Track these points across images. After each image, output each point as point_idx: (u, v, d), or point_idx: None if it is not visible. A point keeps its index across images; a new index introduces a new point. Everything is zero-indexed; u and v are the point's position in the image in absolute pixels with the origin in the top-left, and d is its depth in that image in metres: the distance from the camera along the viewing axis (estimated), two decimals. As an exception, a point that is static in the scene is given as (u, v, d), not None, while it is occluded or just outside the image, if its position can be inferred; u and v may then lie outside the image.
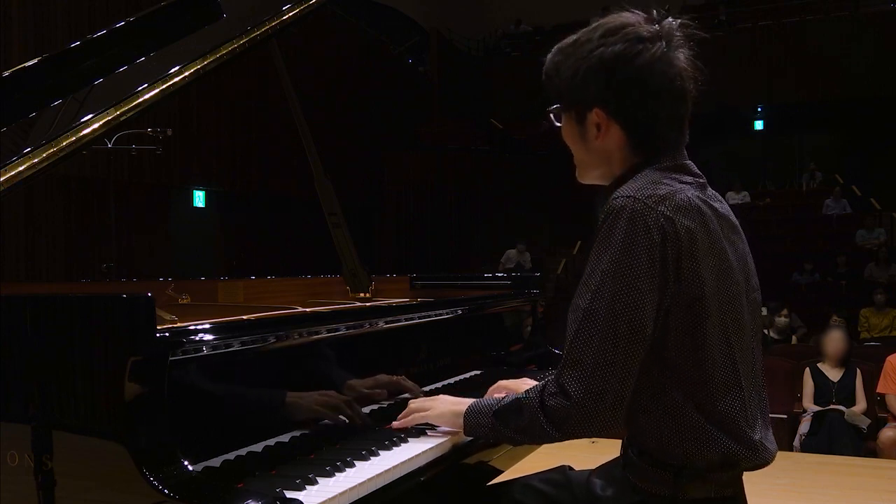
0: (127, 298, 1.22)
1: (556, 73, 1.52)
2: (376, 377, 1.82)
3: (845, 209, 13.61)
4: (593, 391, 1.33)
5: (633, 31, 1.45)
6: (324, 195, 2.33)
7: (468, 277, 3.04)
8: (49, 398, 1.23)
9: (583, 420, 1.36)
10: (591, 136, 1.51)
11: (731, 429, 1.41)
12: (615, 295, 1.33)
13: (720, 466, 1.42)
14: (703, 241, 1.38)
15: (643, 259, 1.33)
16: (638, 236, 1.33)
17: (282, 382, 1.56)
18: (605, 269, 1.35)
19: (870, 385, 5.76)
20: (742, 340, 1.45)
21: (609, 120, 1.48)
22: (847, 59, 14.31)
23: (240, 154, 10.88)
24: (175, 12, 2.04)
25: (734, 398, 1.41)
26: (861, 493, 4.28)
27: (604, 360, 1.33)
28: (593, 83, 1.46)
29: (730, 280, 1.43)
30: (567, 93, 1.51)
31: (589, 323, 1.35)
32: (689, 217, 1.37)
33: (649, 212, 1.35)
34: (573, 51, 1.50)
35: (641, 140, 1.49)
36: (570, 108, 1.53)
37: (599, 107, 1.47)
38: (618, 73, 1.44)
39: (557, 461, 1.80)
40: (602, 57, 1.45)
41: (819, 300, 10.79)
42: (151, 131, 4.70)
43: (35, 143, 1.58)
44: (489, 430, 1.53)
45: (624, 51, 1.43)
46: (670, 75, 1.45)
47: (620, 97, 1.45)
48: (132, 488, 1.16)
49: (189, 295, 2.36)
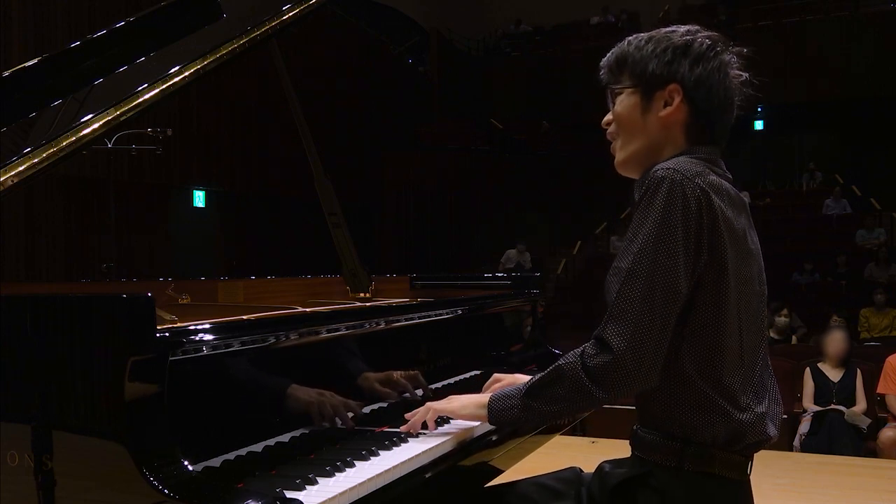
0: (127, 298, 1.22)
1: (639, 50, 1.60)
2: (377, 376, 1.82)
3: (845, 209, 13.61)
4: (635, 343, 1.40)
5: (711, 35, 1.61)
6: (324, 195, 2.33)
7: (468, 277, 3.04)
8: (49, 398, 1.23)
9: (626, 374, 1.41)
10: (656, 108, 1.58)
11: (735, 402, 1.47)
12: (655, 257, 1.42)
13: (727, 443, 1.47)
14: (731, 220, 1.47)
15: (680, 225, 1.42)
16: (676, 204, 1.42)
17: (282, 382, 1.56)
18: (646, 234, 1.43)
19: (870, 385, 5.76)
20: (755, 324, 1.53)
21: (682, 99, 1.56)
22: (847, 59, 14.32)
23: (240, 154, 10.88)
24: (175, 12, 2.04)
25: (737, 374, 1.48)
26: (861, 493, 4.28)
27: (644, 315, 1.41)
28: (679, 62, 1.56)
29: (747, 265, 1.51)
30: (649, 66, 1.57)
31: (631, 283, 1.43)
32: (720, 196, 1.46)
33: (688, 182, 1.43)
34: (654, 37, 1.61)
35: (700, 129, 1.58)
36: (642, 82, 1.59)
37: (679, 83, 1.55)
38: (703, 61, 1.56)
39: (558, 461, 1.81)
40: (689, 42, 1.57)
41: (819, 300, 10.79)
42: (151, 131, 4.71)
43: (35, 143, 1.58)
44: (520, 412, 1.55)
45: (710, 45, 1.58)
46: (735, 83, 1.60)
47: (698, 83, 1.55)
48: (132, 488, 1.16)
49: (189, 295, 2.36)
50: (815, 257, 11.98)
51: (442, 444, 1.62)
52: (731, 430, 1.47)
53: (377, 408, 1.79)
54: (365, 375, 1.79)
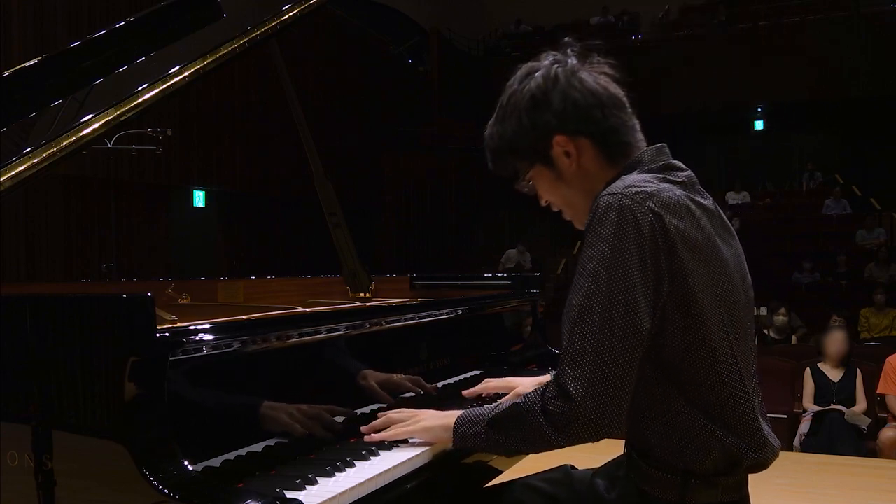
0: (127, 298, 1.22)
1: (501, 138, 1.54)
2: (377, 376, 1.82)
3: (845, 209, 13.60)
4: (595, 389, 1.29)
5: (543, 62, 1.52)
6: (324, 195, 2.33)
7: (468, 277, 3.04)
8: (49, 398, 1.23)
9: (587, 424, 1.30)
10: (566, 165, 1.51)
11: (737, 427, 1.40)
12: (609, 290, 1.31)
13: (727, 468, 1.42)
14: (694, 237, 1.37)
15: (634, 253, 1.31)
16: (627, 231, 1.32)
17: (282, 382, 1.56)
18: (596, 266, 1.33)
19: (870, 385, 5.76)
20: (741, 338, 1.44)
21: (574, 139, 1.49)
22: (847, 59, 14.30)
23: (240, 154, 10.88)
24: (175, 12, 2.04)
25: (739, 396, 1.41)
26: (861, 493, 4.28)
27: (602, 356, 1.29)
28: (538, 117, 1.49)
29: (724, 277, 1.42)
30: (522, 144, 1.52)
31: (585, 320, 1.32)
32: (676, 215, 1.36)
33: (637, 207, 1.34)
34: (504, 113, 1.55)
35: (612, 149, 1.50)
36: (534, 157, 1.53)
37: (558, 133, 1.49)
38: (553, 95, 1.48)
39: (558, 461, 1.80)
40: (532, 93, 1.49)
41: (819, 300, 10.79)
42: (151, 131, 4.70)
43: (35, 143, 1.58)
44: (482, 441, 1.47)
45: (546, 76, 1.49)
46: (601, 83, 1.49)
47: (567, 114, 1.47)
48: (132, 488, 1.16)
49: (189, 295, 2.36)
50: (815, 257, 11.97)
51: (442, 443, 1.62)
52: (732, 456, 1.40)
53: (377, 408, 1.78)
54: (365, 376, 1.79)
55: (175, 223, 10.29)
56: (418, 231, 14.67)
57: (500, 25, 19.09)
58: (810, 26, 14.89)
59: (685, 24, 16.72)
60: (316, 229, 2.95)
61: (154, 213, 9.84)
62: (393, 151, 14.76)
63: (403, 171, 14.76)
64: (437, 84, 16.76)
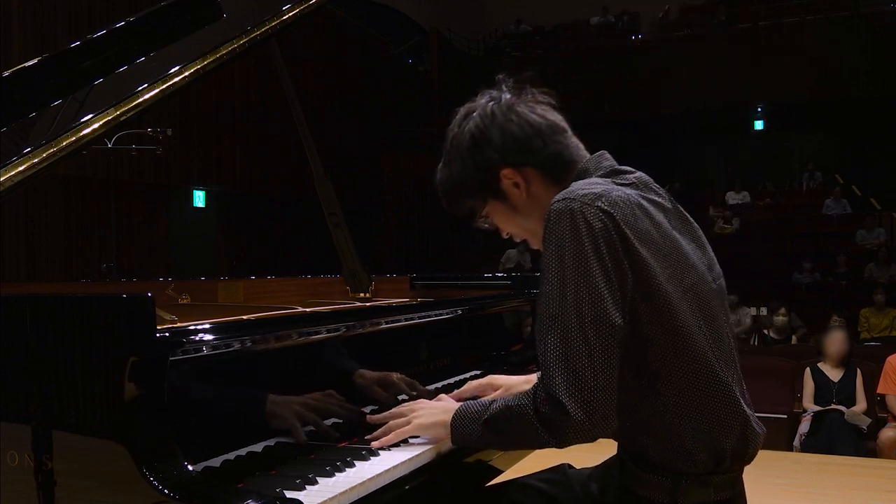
0: (127, 298, 1.22)
1: (450, 181, 1.60)
2: (377, 376, 1.82)
3: (845, 209, 13.60)
4: (581, 394, 1.30)
5: (479, 102, 1.58)
6: (324, 195, 2.33)
7: (468, 277, 3.04)
8: (49, 398, 1.23)
9: (579, 427, 1.31)
10: (517, 196, 1.56)
11: (719, 415, 1.41)
12: (576, 293, 1.33)
13: (716, 464, 1.42)
14: (648, 232, 1.40)
15: (591, 253, 1.34)
16: (581, 232, 1.35)
17: (282, 383, 1.56)
18: (558, 272, 1.35)
19: (870, 385, 5.76)
20: (715, 327, 1.45)
21: (520, 170, 1.54)
22: (847, 59, 14.30)
23: (240, 154, 10.88)
24: (175, 12, 2.04)
25: (717, 384, 1.42)
26: (861, 493, 4.28)
27: (582, 360, 1.31)
28: (481, 155, 1.53)
29: (688, 268, 1.43)
30: (471, 183, 1.57)
31: (556, 325, 1.33)
32: (627, 211, 1.39)
33: (587, 208, 1.37)
34: (448, 157, 1.59)
35: (558, 172, 1.53)
36: (485, 193, 1.58)
37: (503, 167, 1.53)
38: (492, 132, 1.53)
39: (559, 460, 1.80)
40: (471, 132, 1.55)
41: (819, 300, 10.79)
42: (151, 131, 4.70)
43: (35, 143, 1.58)
44: (479, 439, 1.49)
45: (482, 115, 1.55)
46: (538, 113, 1.54)
47: (508, 148, 1.52)
48: (132, 488, 1.16)
49: (189, 295, 2.36)
50: (815, 257, 11.97)
51: (442, 443, 1.61)
52: (717, 449, 1.41)
53: (377, 408, 1.78)
54: (364, 376, 1.79)
55: (175, 223, 10.29)
56: (418, 231, 14.66)
57: (500, 25, 19.09)
58: (810, 26, 14.88)
59: (685, 24, 16.71)
60: (316, 229, 2.95)
61: (154, 213, 9.84)
62: (393, 151, 14.75)
63: (403, 171, 14.75)
64: (437, 84, 16.75)
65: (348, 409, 1.67)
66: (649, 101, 15.30)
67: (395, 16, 18.10)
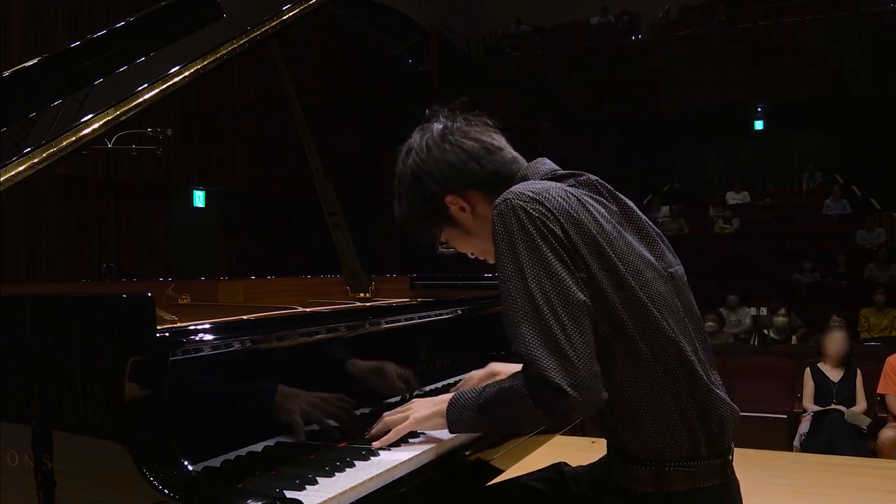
0: (127, 298, 1.22)
1: (405, 216, 1.68)
2: (376, 376, 1.82)
3: (845, 209, 13.61)
4: (566, 371, 1.33)
5: (415, 138, 1.66)
6: (324, 195, 2.34)
7: (468, 277, 3.04)
8: (49, 398, 1.23)
9: (572, 403, 1.34)
10: (466, 219, 1.63)
11: (694, 404, 1.44)
12: (536, 278, 1.38)
13: (695, 450, 1.45)
14: (586, 222, 1.44)
15: (538, 240, 1.40)
16: (524, 224, 1.41)
17: (282, 382, 1.56)
18: (513, 265, 1.40)
19: (870, 385, 5.76)
20: (672, 311, 1.48)
21: (462, 195, 1.61)
22: (847, 59, 14.31)
23: (240, 154, 10.88)
24: (175, 12, 2.04)
25: (678, 368, 1.44)
26: (861, 493, 4.28)
27: (558, 337, 1.34)
28: (424, 188, 1.61)
29: (629, 258, 1.46)
30: (422, 215, 1.65)
31: (527, 313, 1.37)
32: (564, 203, 1.44)
33: (526, 203, 1.43)
34: (398, 195, 1.68)
35: (500, 187, 1.57)
36: (438, 221, 1.66)
37: (447, 195, 1.61)
38: (430, 165, 1.61)
39: (558, 460, 1.81)
40: (411, 168, 1.63)
41: (819, 300, 10.79)
42: (151, 131, 4.70)
43: (35, 143, 1.58)
44: (476, 424, 1.53)
45: (419, 150, 1.63)
46: (472, 137, 1.62)
47: (449, 177, 1.59)
48: (132, 488, 1.16)
49: (189, 295, 2.36)
50: (815, 257, 11.98)
51: (442, 443, 1.62)
52: (697, 439, 1.44)
53: (378, 408, 1.78)
54: (364, 376, 1.79)
55: (175, 223, 10.29)
56: (418, 231, 14.64)
57: (500, 25, 19.09)
58: (810, 26, 14.89)
59: (685, 24, 16.72)
60: (316, 229, 2.95)
61: (154, 213, 9.83)
62: (393, 151, 14.69)
63: (403, 171, 14.74)
64: (437, 84, 16.75)
65: (348, 409, 1.67)
66: (649, 101, 15.31)
67: (395, 16, 18.10)
